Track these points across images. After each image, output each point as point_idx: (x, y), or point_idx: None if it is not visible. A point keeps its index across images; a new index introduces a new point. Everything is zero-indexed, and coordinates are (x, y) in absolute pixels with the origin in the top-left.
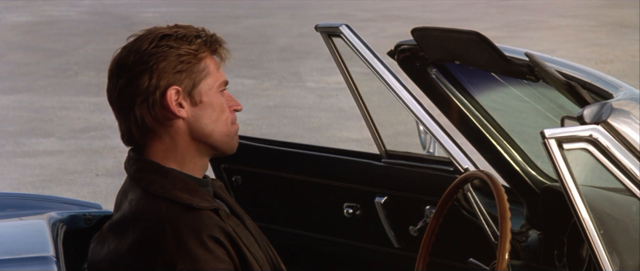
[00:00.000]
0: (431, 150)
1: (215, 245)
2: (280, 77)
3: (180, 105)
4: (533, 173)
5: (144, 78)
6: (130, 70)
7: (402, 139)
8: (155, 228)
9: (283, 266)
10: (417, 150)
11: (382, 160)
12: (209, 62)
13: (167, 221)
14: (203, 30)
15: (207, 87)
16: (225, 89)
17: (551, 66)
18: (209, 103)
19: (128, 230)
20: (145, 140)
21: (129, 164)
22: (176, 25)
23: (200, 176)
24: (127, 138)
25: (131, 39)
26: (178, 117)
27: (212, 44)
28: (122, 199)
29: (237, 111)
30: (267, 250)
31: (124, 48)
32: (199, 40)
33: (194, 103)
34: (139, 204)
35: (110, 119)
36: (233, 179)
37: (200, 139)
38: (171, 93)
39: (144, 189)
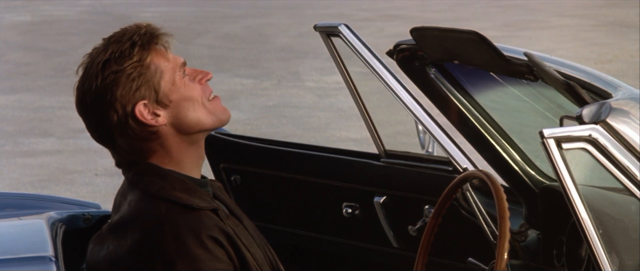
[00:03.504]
0: (430, 150)
1: (215, 245)
2: (279, 77)
3: (155, 114)
4: (532, 172)
5: (110, 113)
6: (94, 110)
7: (401, 139)
8: (155, 229)
9: (281, 266)
10: (416, 150)
11: (381, 160)
12: (157, 60)
13: (167, 222)
14: (135, 31)
15: (169, 84)
16: (185, 69)
17: (550, 66)
18: (178, 98)
19: (127, 231)
20: (140, 157)
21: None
22: (108, 39)
23: (198, 172)
24: (124, 164)
25: (80, 72)
26: (159, 125)
27: (149, 43)
28: (121, 200)
29: (208, 80)
30: (265, 250)
31: (78, 89)
32: (136, 48)
33: (165, 106)
34: (138, 205)
35: None
36: (232, 179)
37: (189, 132)
38: (141, 110)
39: (143, 191)
